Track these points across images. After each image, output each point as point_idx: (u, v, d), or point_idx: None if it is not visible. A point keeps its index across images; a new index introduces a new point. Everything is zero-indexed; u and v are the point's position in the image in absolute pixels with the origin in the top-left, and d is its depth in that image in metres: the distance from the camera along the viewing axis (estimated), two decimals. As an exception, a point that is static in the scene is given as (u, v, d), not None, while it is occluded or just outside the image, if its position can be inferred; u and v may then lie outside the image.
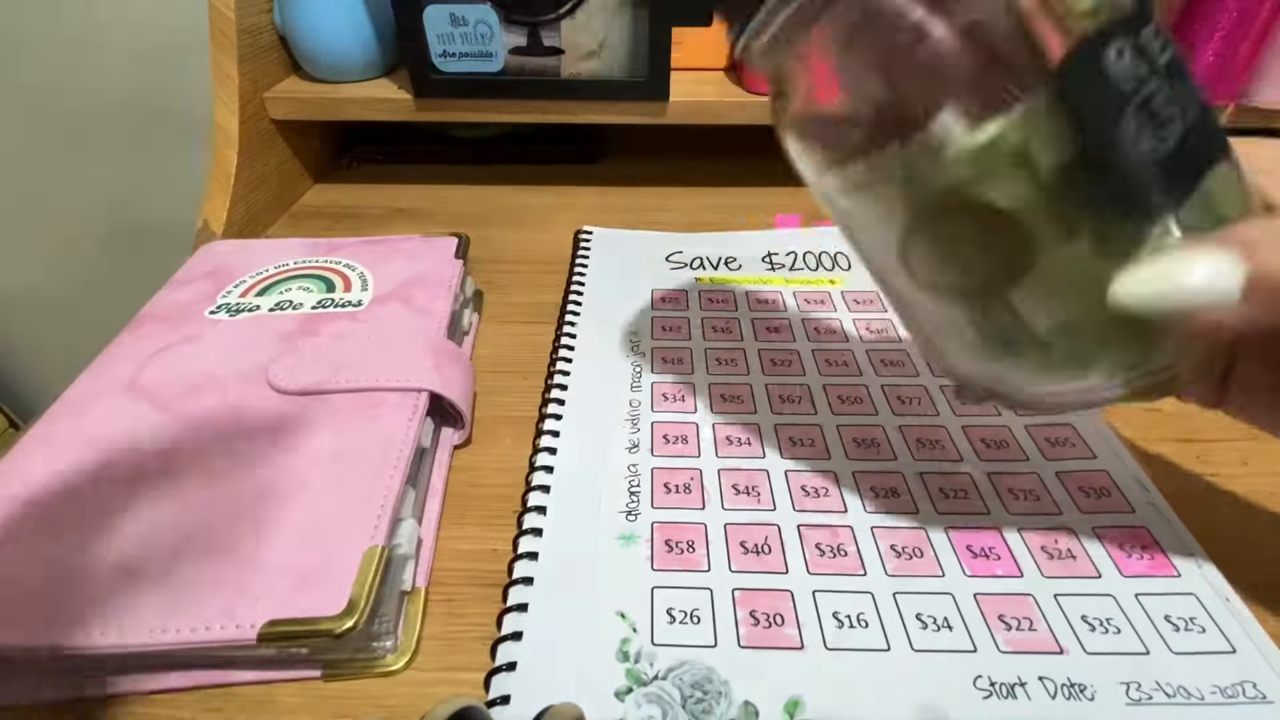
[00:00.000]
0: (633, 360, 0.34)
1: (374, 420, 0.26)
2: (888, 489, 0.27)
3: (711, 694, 0.21)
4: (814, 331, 0.36)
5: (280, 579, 0.21)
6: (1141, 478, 0.28)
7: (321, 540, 0.22)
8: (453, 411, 0.29)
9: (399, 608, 0.23)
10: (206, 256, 0.36)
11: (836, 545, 0.25)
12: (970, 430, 0.30)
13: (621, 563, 0.25)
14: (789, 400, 0.31)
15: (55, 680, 0.21)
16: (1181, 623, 0.23)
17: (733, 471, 0.28)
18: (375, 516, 0.23)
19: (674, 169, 0.52)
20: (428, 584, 0.24)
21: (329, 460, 0.25)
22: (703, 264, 0.41)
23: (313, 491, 0.24)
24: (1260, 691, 0.21)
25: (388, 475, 0.24)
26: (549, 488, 0.27)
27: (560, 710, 0.18)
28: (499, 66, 0.42)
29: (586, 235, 0.43)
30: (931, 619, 0.23)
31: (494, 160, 0.54)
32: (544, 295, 0.39)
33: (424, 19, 0.40)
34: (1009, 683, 0.21)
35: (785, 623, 0.23)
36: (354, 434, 0.26)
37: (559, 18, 0.41)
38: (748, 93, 0.45)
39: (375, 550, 0.22)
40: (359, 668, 0.22)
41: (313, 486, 0.24)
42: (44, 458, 0.25)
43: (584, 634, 0.22)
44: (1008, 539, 0.25)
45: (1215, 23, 0.41)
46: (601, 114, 0.45)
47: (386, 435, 0.26)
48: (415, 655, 0.22)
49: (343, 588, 0.21)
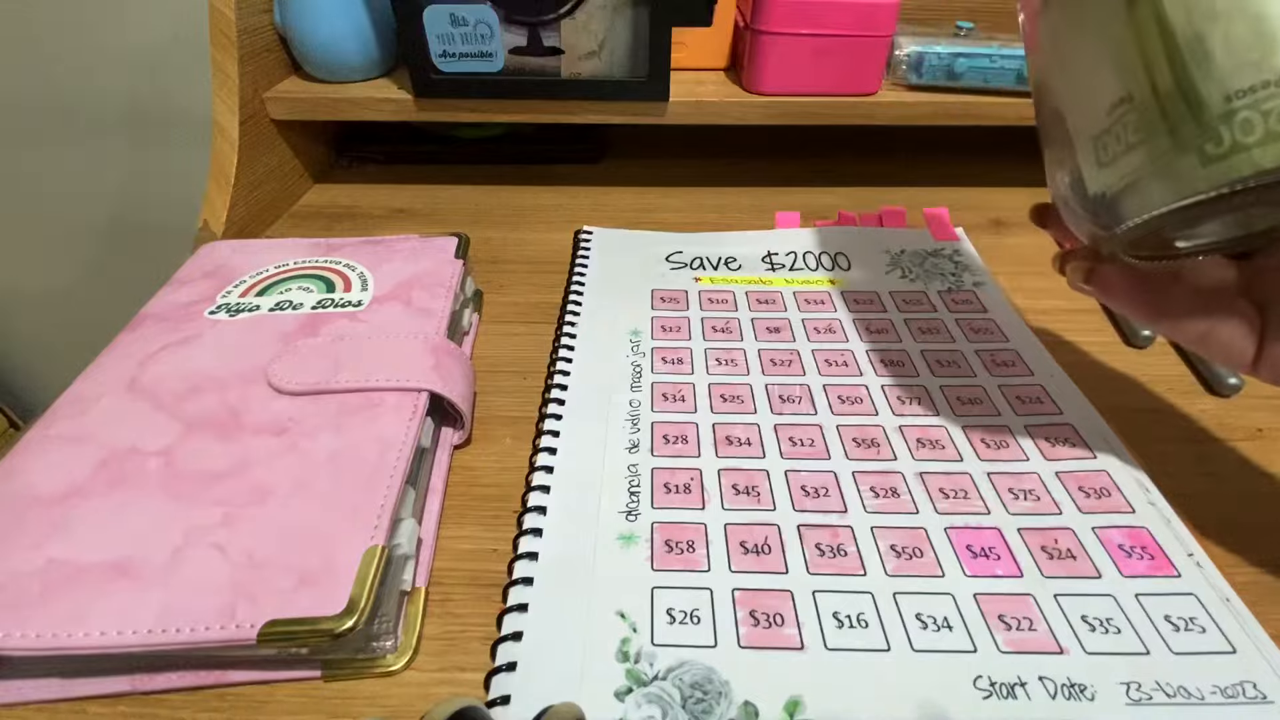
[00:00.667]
0: (633, 360, 0.34)
1: (374, 420, 0.26)
2: (888, 489, 0.27)
3: (711, 694, 0.21)
4: (814, 331, 0.36)
5: (280, 578, 0.21)
6: (1141, 478, 0.28)
7: (321, 540, 0.22)
8: (453, 411, 0.29)
9: (399, 607, 0.23)
10: (206, 256, 0.36)
11: (836, 545, 0.25)
12: (970, 430, 0.30)
13: (621, 563, 0.25)
14: (789, 400, 0.31)
15: (55, 680, 0.21)
16: (1182, 623, 0.23)
17: (733, 471, 0.28)
18: (375, 517, 0.23)
19: (674, 169, 0.52)
20: (427, 583, 0.24)
21: (329, 460, 0.25)
22: (703, 264, 0.41)
23: (313, 491, 0.24)
24: (1260, 691, 0.21)
25: (388, 475, 0.24)
26: (549, 488, 0.27)
27: (560, 710, 0.18)
28: (499, 66, 0.42)
29: (586, 235, 0.43)
30: (931, 619, 0.23)
31: (494, 160, 0.54)
32: (544, 295, 0.38)
33: (424, 19, 0.40)
34: (1009, 683, 0.21)
35: (785, 623, 0.23)
36: (354, 434, 0.26)
37: (559, 18, 0.41)
38: (748, 93, 0.45)
39: (375, 550, 0.22)
40: (359, 667, 0.22)
41: (313, 486, 0.24)
42: (44, 457, 0.25)
43: (584, 634, 0.22)
44: (1008, 539, 0.25)
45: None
46: (601, 114, 0.45)
47: (386, 436, 0.26)
48: (415, 655, 0.22)
49: (343, 587, 0.21)
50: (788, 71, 0.43)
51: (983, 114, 0.45)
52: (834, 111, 0.45)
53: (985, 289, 0.39)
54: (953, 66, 0.44)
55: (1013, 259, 0.42)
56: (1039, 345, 0.35)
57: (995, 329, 0.36)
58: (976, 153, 0.53)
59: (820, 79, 0.44)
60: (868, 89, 0.44)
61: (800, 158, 0.53)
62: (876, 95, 0.45)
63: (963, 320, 0.37)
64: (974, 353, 0.34)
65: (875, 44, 0.43)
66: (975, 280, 0.40)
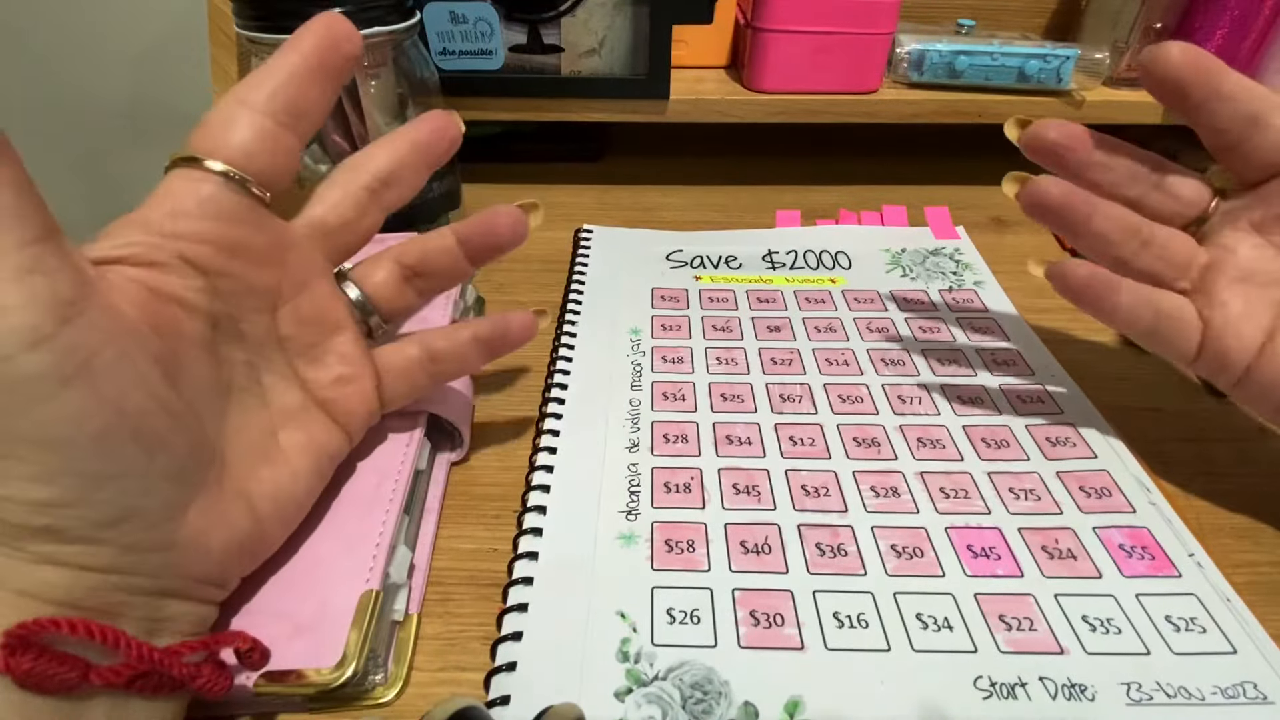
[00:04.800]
0: (633, 359, 0.34)
1: (367, 447, 0.25)
2: (888, 488, 0.27)
3: (711, 694, 0.21)
4: (814, 330, 0.36)
5: (274, 625, 0.20)
6: (1142, 477, 0.28)
7: (315, 584, 0.21)
8: (450, 429, 0.28)
9: (390, 640, 0.22)
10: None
11: (837, 545, 0.25)
12: (970, 429, 0.30)
13: (621, 563, 0.24)
14: (789, 399, 0.31)
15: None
16: (1182, 623, 0.23)
17: (733, 471, 0.28)
18: (370, 557, 0.22)
19: (674, 167, 0.52)
20: (420, 610, 0.24)
21: (322, 497, 0.24)
22: (703, 262, 0.41)
23: (305, 530, 0.23)
24: (1261, 692, 0.21)
25: (383, 510, 0.23)
26: (549, 487, 0.27)
27: (560, 710, 0.18)
28: (499, 64, 0.42)
29: (587, 234, 0.43)
30: (932, 619, 0.23)
31: (493, 158, 0.53)
32: (544, 294, 0.38)
33: (423, 16, 0.40)
34: (1009, 683, 0.21)
35: (785, 623, 0.23)
36: (347, 465, 0.25)
37: (559, 15, 0.41)
38: (748, 90, 0.45)
39: (370, 595, 0.21)
40: (347, 698, 0.21)
41: (306, 525, 0.23)
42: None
43: (584, 634, 0.22)
44: (1008, 539, 0.25)
45: (1217, 20, 0.40)
46: (602, 112, 0.44)
47: (381, 467, 0.25)
48: (405, 686, 0.22)
49: (338, 636, 0.20)
50: (788, 69, 0.43)
51: (984, 112, 0.45)
52: (835, 109, 0.45)
53: (986, 288, 0.39)
54: (954, 64, 0.44)
55: (1014, 258, 0.42)
56: (1040, 344, 0.35)
57: (996, 328, 0.36)
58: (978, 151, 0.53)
59: (821, 77, 0.44)
60: (869, 87, 0.44)
61: (801, 156, 0.53)
62: (877, 93, 0.45)
63: (964, 319, 0.37)
64: (975, 352, 0.34)
65: (876, 42, 0.43)
66: (976, 279, 0.40)
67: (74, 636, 0.15)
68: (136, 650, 0.16)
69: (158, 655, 0.16)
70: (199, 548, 0.18)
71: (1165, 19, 0.42)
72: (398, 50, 0.34)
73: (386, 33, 0.32)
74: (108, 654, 0.16)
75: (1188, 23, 0.42)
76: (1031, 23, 0.51)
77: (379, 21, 0.32)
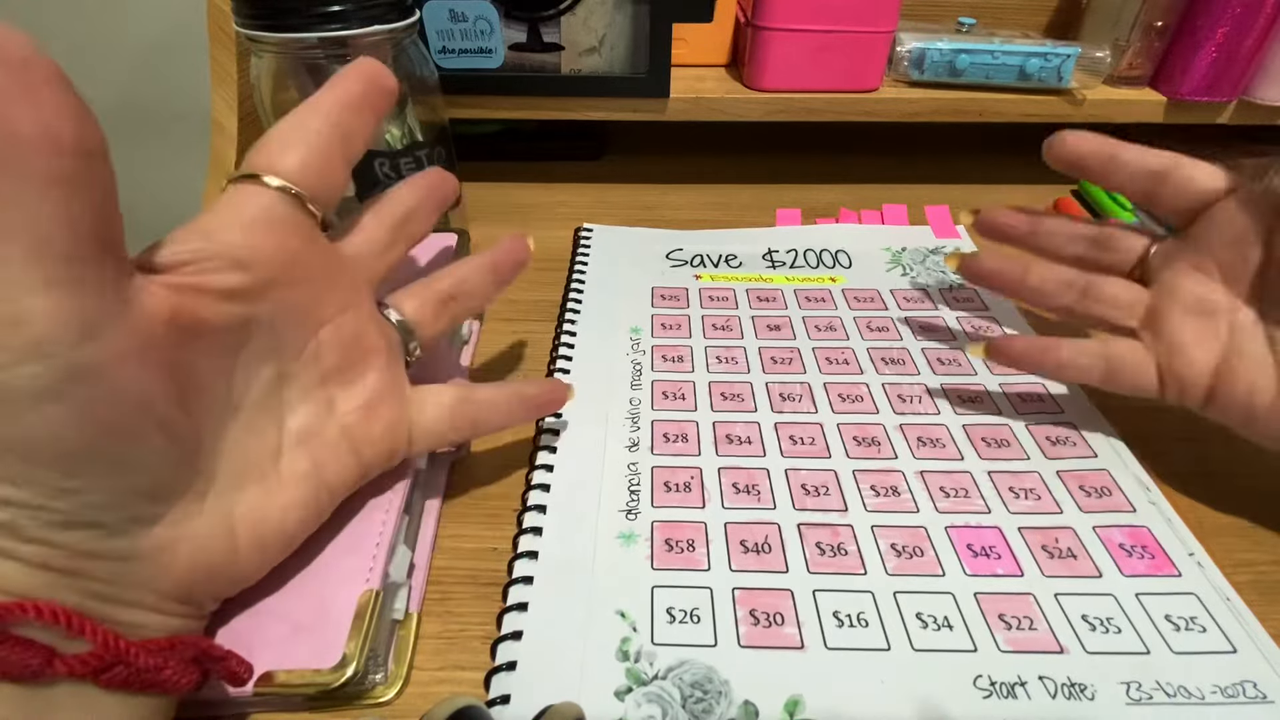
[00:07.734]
0: (633, 358, 0.34)
1: None
2: (888, 487, 0.27)
3: (711, 694, 0.21)
4: (814, 329, 0.36)
5: (274, 626, 0.20)
6: (1142, 477, 0.28)
7: (315, 583, 0.21)
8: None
9: (390, 639, 0.22)
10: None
11: (837, 544, 0.25)
12: (971, 429, 0.30)
13: (621, 562, 0.24)
14: (789, 398, 0.31)
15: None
16: (1182, 622, 0.23)
17: (733, 470, 0.28)
18: (370, 557, 0.22)
19: (674, 166, 0.52)
20: (420, 609, 0.24)
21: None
22: (703, 261, 0.41)
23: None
24: (1261, 691, 0.21)
25: (383, 510, 0.23)
26: (549, 486, 0.27)
27: (560, 710, 0.18)
28: (499, 63, 0.42)
29: (587, 232, 0.43)
30: (932, 618, 0.23)
31: (493, 157, 0.53)
32: (544, 293, 0.38)
33: (423, 15, 0.40)
34: (1009, 682, 0.21)
35: (785, 622, 0.23)
36: None
37: (559, 13, 0.41)
38: (748, 89, 0.45)
39: (370, 595, 0.21)
40: (348, 697, 0.21)
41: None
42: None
43: (584, 633, 0.22)
44: (1008, 538, 0.25)
45: (1218, 19, 0.40)
46: (602, 110, 0.44)
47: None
48: (405, 685, 0.22)
49: (338, 636, 0.20)
50: (789, 68, 0.43)
51: (985, 111, 0.45)
52: (835, 108, 0.45)
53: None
54: (954, 63, 0.44)
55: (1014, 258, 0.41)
56: (1040, 343, 0.35)
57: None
58: (978, 150, 0.53)
59: (821, 75, 0.43)
60: (869, 85, 0.44)
61: (801, 154, 0.53)
62: (878, 92, 0.45)
63: (964, 318, 0.37)
64: (975, 351, 0.34)
65: (877, 40, 0.43)
66: (976, 278, 0.40)
67: (39, 621, 0.15)
68: (103, 637, 0.16)
69: (124, 644, 0.16)
70: (160, 563, 0.17)
71: (1166, 18, 0.42)
72: (397, 49, 0.34)
73: (386, 31, 0.32)
74: (74, 643, 0.16)
75: (1188, 21, 0.42)
76: (1032, 21, 0.51)
77: (378, 20, 0.32)
